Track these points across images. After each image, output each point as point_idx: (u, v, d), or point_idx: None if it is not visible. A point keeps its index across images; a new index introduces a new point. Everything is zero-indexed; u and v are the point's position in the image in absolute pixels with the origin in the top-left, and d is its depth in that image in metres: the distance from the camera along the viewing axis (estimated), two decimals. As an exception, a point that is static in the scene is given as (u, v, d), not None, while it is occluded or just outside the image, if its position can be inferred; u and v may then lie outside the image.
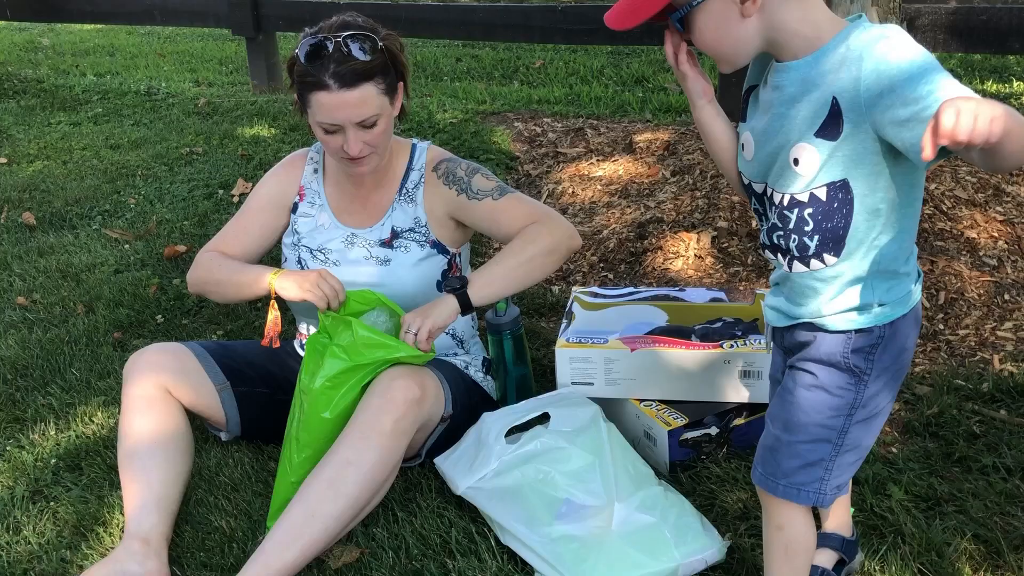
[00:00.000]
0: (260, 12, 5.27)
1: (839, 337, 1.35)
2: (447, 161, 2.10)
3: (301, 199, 2.13)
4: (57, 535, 1.91)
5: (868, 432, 1.41)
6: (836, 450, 1.39)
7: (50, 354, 2.64)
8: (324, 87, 1.85)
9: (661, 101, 4.75)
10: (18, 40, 8.62)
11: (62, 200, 3.93)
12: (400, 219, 2.07)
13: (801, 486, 1.41)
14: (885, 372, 1.36)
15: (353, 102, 1.87)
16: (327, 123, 1.89)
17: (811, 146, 1.28)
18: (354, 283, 2.01)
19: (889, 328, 1.34)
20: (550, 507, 1.76)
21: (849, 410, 1.37)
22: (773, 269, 1.45)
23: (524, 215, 2.00)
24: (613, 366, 2.05)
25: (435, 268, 2.08)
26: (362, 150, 1.92)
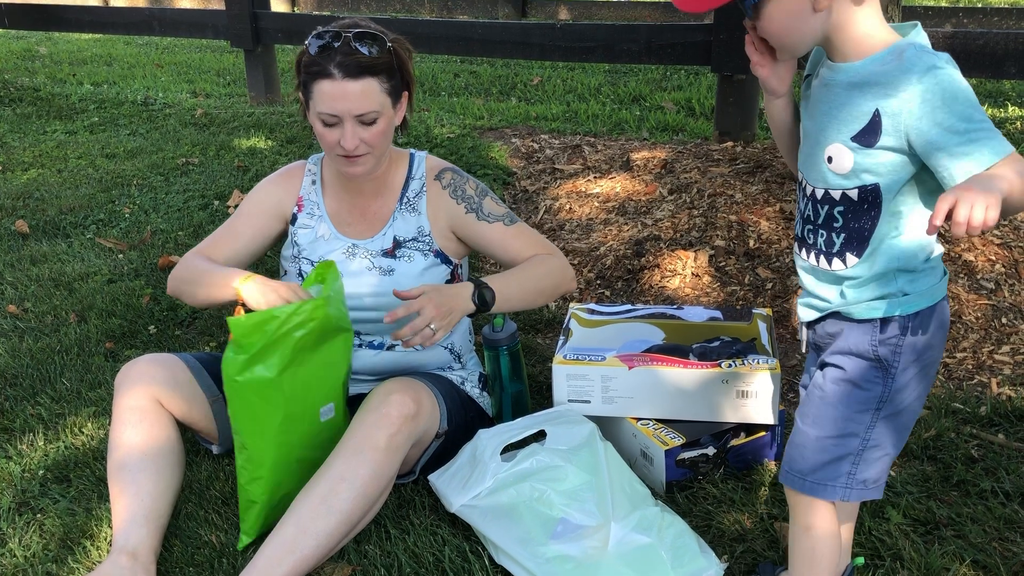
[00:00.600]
0: (259, 25, 5.27)
1: (865, 327, 1.39)
2: (451, 172, 2.10)
3: (300, 210, 2.11)
4: (43, 548, 1.88)
5: (894, 431, 1.43)
6: (863, 444, 1.42)
7: (40, 363, 2.62)
8: (328, 75, 1.85)
9: (658, 119, 4.76)
10: (15, 48, 8.62)
11: (56, 208, 3.91)
12: (402, 228, 2.06)
13: (828, 482, 1.44)
14: (912, 366, 1.39)
15: (355, 93, 1.86)
16: (327, 113, 1.87)
17: (845, 148, 1.34)
18: (357, 294, 2.00)
19: (914, 319, 1.37)
20: (545, 526, 1.74)
21: (877, 403, 1.40)
22: (795, 279, 1.49)
23: (535, 244, 2.08)
24: (610, 384, 2.03)
25: (438, 278, 2.06)
26: (358, 147, 1.90)
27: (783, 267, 2.81)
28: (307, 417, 1.83)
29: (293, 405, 1.79)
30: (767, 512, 1.90)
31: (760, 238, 2.93)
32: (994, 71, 3.17)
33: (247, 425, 1.77)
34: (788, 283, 2.75)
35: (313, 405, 1.84)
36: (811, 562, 1.50)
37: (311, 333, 1.76)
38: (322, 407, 1.85)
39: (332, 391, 1.87)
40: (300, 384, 1.79)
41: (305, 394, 1.81)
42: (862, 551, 1.76)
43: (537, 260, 2.04)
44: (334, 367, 1.86)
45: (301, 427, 1.82)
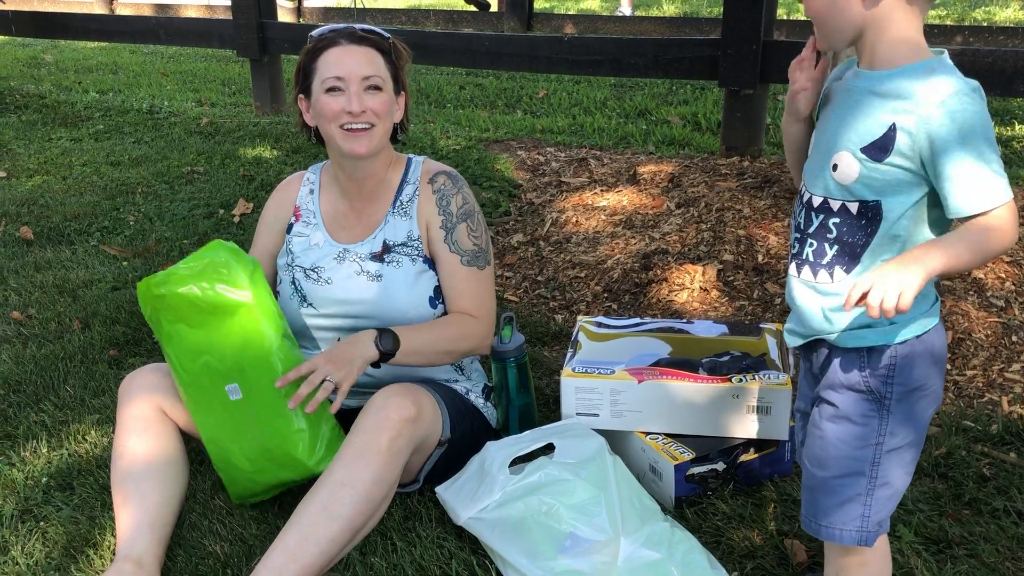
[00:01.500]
0: (266, 35, 5.28)
1: (852, 357, 1.35)
2: (445, 176, 2.07)
3: (296, 219, 2.11)
4: (46, 556, 1.86)
5: (899, 466, 1.39)
6: (872, 483, 1.37)
7: (44, 370, 2.60)
8: (334, 44, 1.92)
9: (664, 134, 4.76)
10: (21, 56, 8.64)
11: (60, 215, 3.90)
12: (393, 233, 2.04)
13: (842, 526, 1.39)
14: (909, 396, 1.35)
15: (361, 56, 1.92)
16: (332, 75, 1.90)
17: (853, 158, 1.30)
18: (346, 300, 1.99)
19: (903, 348, 1.33)
20: (554, 540, 1.72)
21: (876, 438, 1.36)
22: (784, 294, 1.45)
23: (470, 299, 2.02)
24: (619, 397, 2.02)
25: (428, 285, 2.03)
26: (364, 113, 1.90)
27: (791, 282, 2.80)
28: (211, 389, 1.82)
29: (185, 370, 1.82)
30: (777, 528, 1.88)
31: (769, 253, 2.92)
32: (1003, 89, 3.17)
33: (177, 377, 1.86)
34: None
35: (212, 378, 1.82)
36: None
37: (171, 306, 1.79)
38: (226, 384, 1.82)
39: (234, 369, 1.81)
40: (187, 350, 1.81)
41: (196, 361, 1.81)
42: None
43: (457, 320, 2.01)
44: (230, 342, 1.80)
45: (209, 399, 1.83)
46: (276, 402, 1.81)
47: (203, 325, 1.79)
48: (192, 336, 1.80)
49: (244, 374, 1.81)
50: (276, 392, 1.80)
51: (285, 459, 1.82)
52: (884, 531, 1.42)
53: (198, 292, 1.77)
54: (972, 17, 8.69)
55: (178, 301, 1.78)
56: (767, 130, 4.57)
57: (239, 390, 1.81)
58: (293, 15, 9.53)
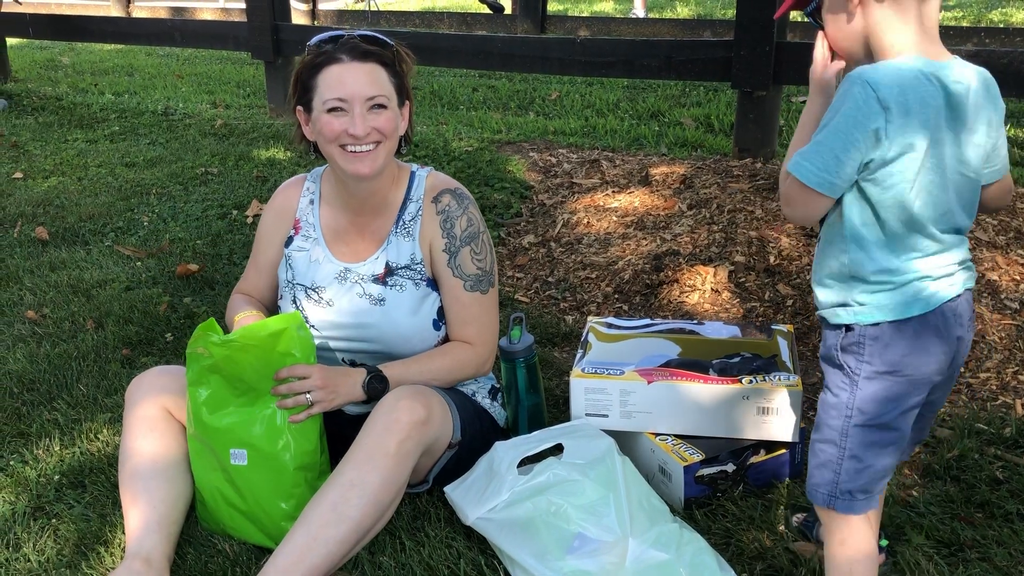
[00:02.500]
0: (280, 37, 5.30)
1: (834, 333, 1.48)
2: (450, 195, 2.00)
3: (296, 232, 2.05)
4: (58, 553, 1.87)
5: (873, 446, 1.46)
6: (841, 453, 1.47)
7: (58, 369, 2.62)
8: (335, 60, 1.84)
9: (677, 135, 4.75)
10: (39, 58, 8.71)
11: (76, 216, 3.93)
12: (395, 254, 1.98)
13: (817, 487, 1.51)
14: (880, 378, 1.43)
15: (365, 74, 1.84)
16: (334, 97, 1.82)
17: None
18: (348, 323, 1.96)
19: (872, 330, 1.42)
20: (562, 541, 1.72)
21: (847, 410, 1.46)
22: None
23: (473, 325, 1.99)
24: (629, 398, 2.01)
25: (432, 308, 1.99)
26: (369, 134, 1.84)
27: (803, 284, 2.78)
28: (218, 446, 1.82)
29: (199, 423, 1.82)
30: (787, 531, 1.87)
31: (780, 254, 2.91)
32: (1020, 90, 3.15)
33: None
34: (808, 300, 2.73)
35: (221, 437, 1.81)
36: (850, 571, 1.50)
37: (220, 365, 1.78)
38: (232, 448, 1.81)
39: (246, 438, 1.81)
40: (207, 402, 1.81)
41: (212, 415, 1.81)
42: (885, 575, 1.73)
43: (451, 350, 1.98)
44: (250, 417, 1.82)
45: (214, 453, 1.83)
46: (276, 483, 1.81)
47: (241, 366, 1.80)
48: (223, 385, 1.81)
49: (257, 437, 1.81)
50: (278, 473, 1.80)
51: (268, 531, 1.83)
52: (856, 506, 1.48)
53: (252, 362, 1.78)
54: (989, 19, 8.63)
55: (228, 364, 1.78)
56: (780, 132, 4.55)
57: (245, 456, 1.81)
58: (308, 17, 9.56)
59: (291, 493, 1.81)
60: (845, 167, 1.36)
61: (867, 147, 1.35)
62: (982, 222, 2.85)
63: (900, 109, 1.33)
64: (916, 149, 1.35)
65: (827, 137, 1.36)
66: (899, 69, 1.35)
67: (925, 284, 1.41)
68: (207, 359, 1.79)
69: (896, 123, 1.33)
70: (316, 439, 1.85)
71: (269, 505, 1.82)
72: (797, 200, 1.42)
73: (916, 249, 1.41)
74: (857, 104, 1.33)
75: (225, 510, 1.85)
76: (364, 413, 2.04)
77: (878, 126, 1.33)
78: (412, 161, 2.68)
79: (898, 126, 1.33)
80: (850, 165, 1.36)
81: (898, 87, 1.33)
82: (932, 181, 1.39)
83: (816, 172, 1.37)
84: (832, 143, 1.35)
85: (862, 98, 1.33)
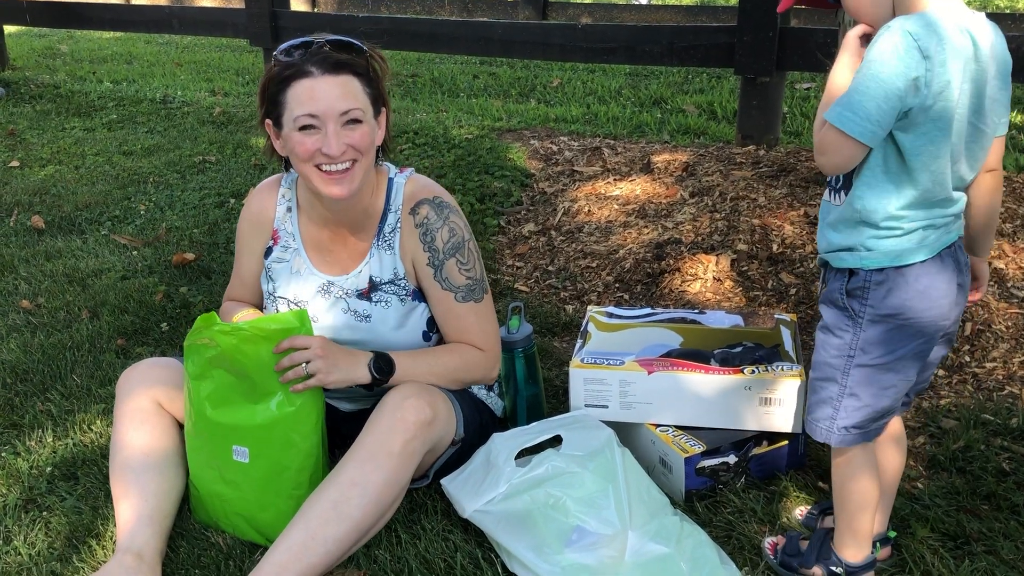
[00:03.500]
0: (278, 24, 5.25)
1: (839, 276, 1.53)
2: (427, 206, 1.89)
3: (275, 243, 1.97)
4: (48, 547, 1.84)
5: (872, 384, 1.52)
6: (841, 391, 1.55)
7: (52, 359, 2.59)
8: (305, 74, 1.70)
9: (679, 122, 4.70)
10: (37, 46, 8.66)
11: (72, 204, 3.90)
12: (377, 269, 1.90)
13: (816, 421, 1.59)
14: (883, 321, 1.49)
15: (337, 88, 1.70)
16: (305, 114, 1.69)
17: None
18: (334, 339, 1.87)
19: (877, 275, 1.47)
20: (560, 534, 1.69)
21: (849, 350, 1.52)
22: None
23: (473, 334, 1.92)
24: (629, 389, 1.98)
25: (419, 320, 1.93)
26: (345, 152, 1.72)
27: (807, 272, 2.75)
28: (220, 442, 1.78)
29: (201, 416, 1.78)
30: (789, 524, 1.84)
31: (784, 242, 2.87)
32: (1025, 75, 3.09)
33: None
34: (812, 289, 2.69)
35: (225, 432, 1.77)
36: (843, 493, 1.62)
37: (225, 356, 1.73)
38: (234, 444, 1.77)
39: (249, 434, 1.77)
40: (215, 395, 1.77)
41: (215, 410, 1.77)
42: (889, 570, 1.70)
43: (461, 350, 1.91)
44: (257, 415, 1.76)
45: (214, 449, 1.79)
46: (276, 481, 1.78)
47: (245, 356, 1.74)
48: (228, 380, 1.76)
49: (259, 435, 1.76)
50: (279, 472, 1.77)
51: (263, 530, 1.80)
52: (850, 438, 1.57)
53: (261, 355, 1.73)
54: (995, 4, 8.56)
55: (235, 354, 1.73)
56: (784, 118, 4.51)
57: (247, 454, 1.77)
58: (308, 4, 9.50)
59: (291, 494, 1.78)
60: (886, 116, 1.37)
61: (907, 96, 1.36)
62: (988, 209, 2.80)
63: (939, 59, 1.35)
64: (950, 99, 1.38)
65: (868, 86, 1.36)
66: (938, 20, 1.37)
67: (928, 232, 1.47)
68: (211, 350, 1.74)
69: (936, 72, 1.35)
70: (318, 439, 1.81)
71: (267, 504, 1.78)
72: (834, 148, 1.41)
73: (930, 198, 1.44)
74: (899, 54, 1.34)
75: (220, 507, 1.83)
76: (360, 409, 2.01)
77: (918, 75, 1.35)
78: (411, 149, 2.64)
79: (937, 75, 1.36)
80: (890, 114, 1.37)
81: (937, 37, 1.35)
82: (955, 131, 1.42)
83: (857, 121, 1.37)
84: (874, 92, 1.36)
85: (904, 47, 1.34)
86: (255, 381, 1.75)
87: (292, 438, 1.76)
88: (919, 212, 1.45)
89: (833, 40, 3.20)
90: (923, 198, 1.45)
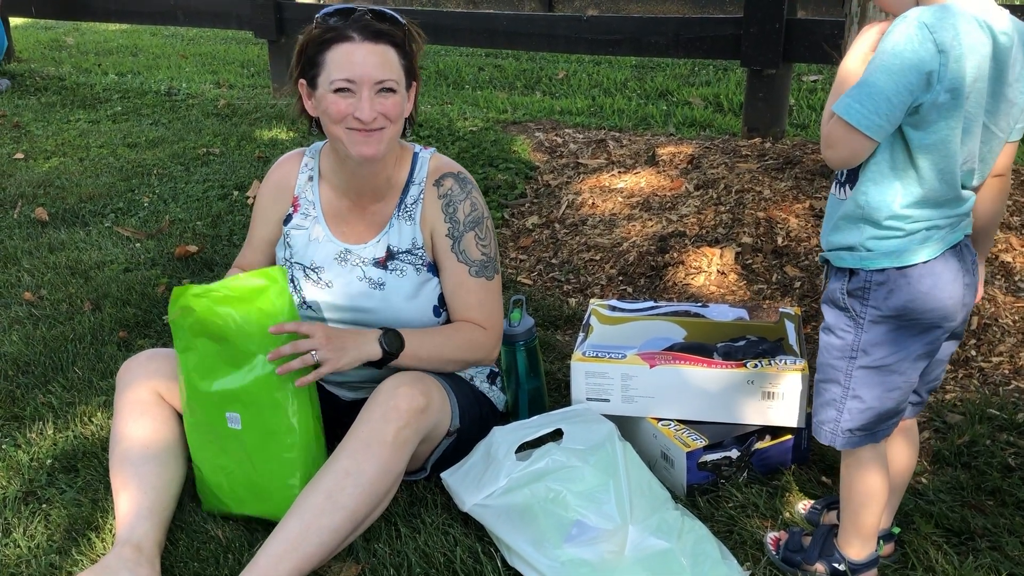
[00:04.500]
0: (283, 15, 5.24)
1: (840, 276, 1.49)
2: (452, 179, 1.94)
3: (295, 211, 1.99)
4: (48, 539, 1.84)
5: (875, 386, 1.49)
6: (845, 393, 1.52)
7: (53, 351, 2.58)
8: (347, 39, 1.76)
9: (685, 115, 4.68)
10: (43, 39, 8.66)
11: (76, 197, 3.90)
12: (397, 238, 1.93)
13: (820, 424, 1.57)
14: (885, 322, 1.46)
15: (376, 56, 1.76)
16: (343, 78, 1.75)
17: None
18: (347, 306, 1.91)
19: (878, 275, 1.44)
20: (560, 528, 1.68)
21: (851, 352, 1.49)
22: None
23: (479, 311, 1.93)
24: (631, 383, 1.96)
25: (433, 293, 1.94)
26: (376, 119, 1.78)
27: (811, 265, 2.73)
28: (214, 412, 1.78)
29: (193, 386, 1.79)
30: (792, 519, 1.82)
31: (788, 235, 2.84)
32: None
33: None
34: (816, 282, 2.67)
35: (215, 402, 1.77)
36: (849, 499, 1.60)
37: (202, 320, 1.73)
38: (228, 411, 1.77)
39: (238, 399, 1.76)
40: (203, 365, 1.77)
41: (207, 378, 1.77)
42: (892, 566, 1.68)
43: (466, 328, 1.92)
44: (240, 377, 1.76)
45: (210, 421, 1.79)
46: (273, 442, 1.77)
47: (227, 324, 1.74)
48: (211, 348, 1.76)
49: (246, 398, 1.75)
50: (273, 432, 1.76)
51: (268, 501, 1.79)
52: (855, 441, 1.54)
53: (234, 315, 1.72)
54: (1004, -4, 8.49)
55: (210, 316, 1.73)
56: (790, 111, 4.48)
57: (240, 420, 1.76)
58: (313, -3, 9.48)
59: (283, 458, 1.76)
60: (896, 110, 1.32)
61: (919, 90, 1.31)
62: (996, 202, 2.78)
63: (955, 53, 1.30)
64: (963, 96, 1.33)
65: (879, 78, 1.31)
66: (957, 13, 1.31)
67: (932, 232, 1.43)
68: (189, 317, 1.74)
69: (950, 67, 1.30)
70: (305, 396, 1.79)
71: (267, 471, 1.77)
72: (842, 142, 1.37)
73: (938, 197, 1.40)
74: (913, 47, 1.29)
75: (226, 484, 1.81)
76: (361, 399, 2.00)
77: (932, 69, 1.30)
78: (416, 142, 2.63)
79: (951, 71, 1.31)
80: (900, 108, 1.32)
81: (954, 30, 1.30)
82: (966, 130, 1.37)
83: (866, 114, 1.33)
84: (884, 84, 1.31)
85: (919, 40, 1.29)
86: (234, 343, 1.74)
87: (276, 398, 1.75)
88: (925, 212, 1.41)
89: (840, 32, 3.17)
90: (930, 197, 1.40)
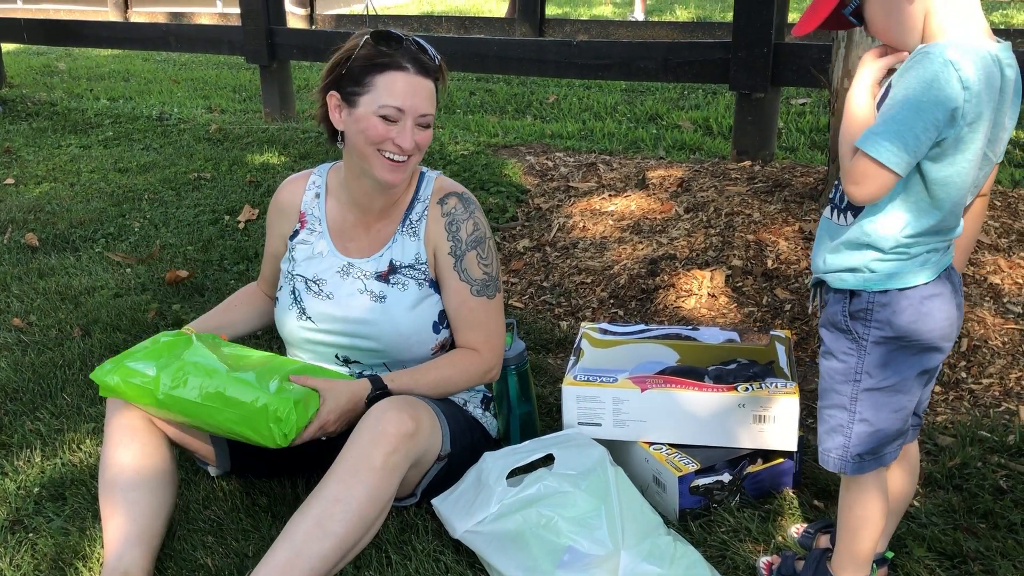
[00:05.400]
0: (275, 41, 5.26)
1: (838, 297, 1.48)
2: (456, 199, 1.99)
3: (302, 227, 2.05)
4: (35, 568, 1.82)
5: (884, 409, 1.48)
6: (851, 417, 1.49)
7: (42, 378, 2.57)
8: (401, 68, 1.82)
9: (675, 138, 4.70)
10: (35, 64, 8.68)
11: (66, 222, 3.89)
12: (400, 253, 1.97)
13: (828, 452, 1.53)
14: (887, 344, 1.44)
15: (425, 90, 1.84)
16: (393, 106, 1.81)
17: None
18: (347, 318, 1.93)
19: (881, 296, 1.43)
20: (552, 555, 1.67)
21: (855, 376, 1.47)
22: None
23: (480, 331, 1.96)
24: (622, 407, 1.96)
25: (432, 309, 1.96)
26: (412, 149, 1.85)
27: (802, 288, 2.73)
28: (210, 384, 1.75)
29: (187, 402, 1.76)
30: (785, 543, 1.82)
31: (779, 258, 2.85)
32: (1020, 90, 3.09)
33: None
34: (807, 304, 2.68)
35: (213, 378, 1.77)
36: (850, 534, 1.57)
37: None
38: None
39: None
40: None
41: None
42: (885, 586, 1.68)
43: (461, 362, 1.95)
44: None
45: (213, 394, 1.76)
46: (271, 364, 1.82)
47: None
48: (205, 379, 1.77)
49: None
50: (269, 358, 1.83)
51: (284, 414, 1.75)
52: (865, 466, 1.51)
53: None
54: (990, 20, 8.59)
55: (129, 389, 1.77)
56: (779, 134, 4.51)
57: None
58: (306, 22, 9.53)
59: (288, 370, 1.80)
60: (923, 146, 1.32)
61: (944, 126, 1.31)
62: (984, 225, 2.80)
63: (976, 89, 1.31)
64: (981, 131, 1.34)
65: (906, 115, 1.30)
66: (976, 48, 1.32)
67: (930, 255, 1.44)
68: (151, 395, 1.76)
69: (972, 103, 1.31)
70: None
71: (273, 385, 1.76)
72: (869, 179, 1.34)
73: (941, 225, 1.41)
74: (939, 83, 1.29)
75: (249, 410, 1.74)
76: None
77: (957, 106, 1.30)
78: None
79: (973, 106, 1.31)
80: (927, 144, 1.32)
81: (974, 66, 1.30)
82: (971, 161, 1.38)
83: (896, 151, 1.31)
84: (912, 122, 1.30)
85: (944, 77, 1.28)
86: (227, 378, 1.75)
87: None
88: (928, 238, 1.42)
89: (828, 56, 3.20)
90: (937, 225, 1.41)
